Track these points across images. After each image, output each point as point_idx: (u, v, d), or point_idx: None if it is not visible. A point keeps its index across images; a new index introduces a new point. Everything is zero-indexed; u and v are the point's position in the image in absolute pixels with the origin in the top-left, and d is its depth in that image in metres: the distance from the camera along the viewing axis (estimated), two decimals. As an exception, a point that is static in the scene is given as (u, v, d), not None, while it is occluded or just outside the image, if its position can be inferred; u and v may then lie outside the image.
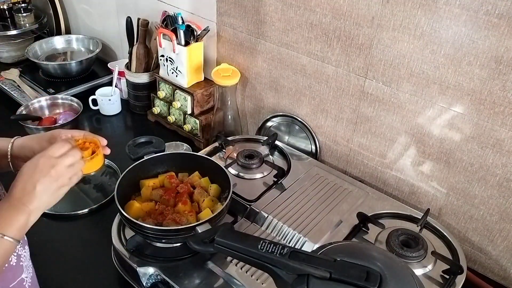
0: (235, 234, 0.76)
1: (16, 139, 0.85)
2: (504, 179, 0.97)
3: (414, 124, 1.07)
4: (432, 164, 1.08)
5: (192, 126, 1.46)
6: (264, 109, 1.39)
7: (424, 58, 0.98)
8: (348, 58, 1.11)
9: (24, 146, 0.84)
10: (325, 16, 1.10)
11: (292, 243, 0.98)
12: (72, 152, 0.75)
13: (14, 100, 1.61)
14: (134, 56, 1.54)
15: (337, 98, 1.19)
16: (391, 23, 1.00)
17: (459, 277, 0.90)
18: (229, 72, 1.33)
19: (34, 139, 0.85)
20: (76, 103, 1.54)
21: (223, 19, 1.35)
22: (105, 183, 1.31)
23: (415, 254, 0.92)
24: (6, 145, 0.84)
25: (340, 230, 1.00)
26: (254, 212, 1.04)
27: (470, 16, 0.88)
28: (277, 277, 0.70)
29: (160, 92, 1.49)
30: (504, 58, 0.87)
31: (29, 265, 0.84)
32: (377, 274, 0.64)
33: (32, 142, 0.84)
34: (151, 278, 0.93)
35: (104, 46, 1.85)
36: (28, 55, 1.74)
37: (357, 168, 1.24)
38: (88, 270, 1.05)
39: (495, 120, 0.93)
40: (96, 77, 1.76)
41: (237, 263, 0.92)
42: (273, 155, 1.27)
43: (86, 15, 1.92)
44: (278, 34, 1.22)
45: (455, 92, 0.97)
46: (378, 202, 1.09)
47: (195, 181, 1.04)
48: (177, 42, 1.35)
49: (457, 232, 1.10)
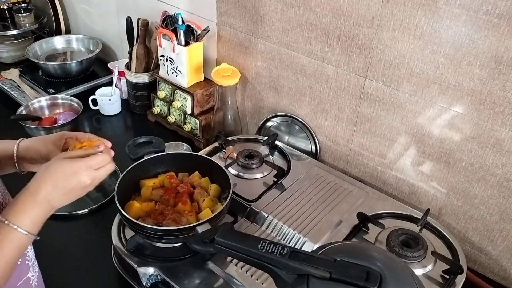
0: (235, 234, 0.76)
1: (22, 141, 0.85)
2: (504, 179, 0.97)
3: (414, 124, 1.07)
4: (432, 164, 1.08)
5: (192, 126, 1.46)
6: (264, 109, 1.39)
7: (424, 58, 0.98)
8: (348, 58, 1.11)
9: (29, 148, 0.84)
10: (325, 16, 1.10)
11: (292, 243, 0.98)
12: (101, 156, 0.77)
13: (14, 100, 1.61)
14: (134, 56, 1.54)
15: (337, 98, 1.19)
16: (391, 23, 1.00)
17: (459, 277, 0.90)
18: (229, 72, 1.33)
19: (40, 141, 0.86)
20: (76, 103, 1.54)
21: (223, 19, 1.35)
22: (105, 183, 1.31)
23: (415, 254, 0.92)
24: (11, 146, 0.84)
25: (340, 230, 1.00)
26: (254, 212, 1.04)
27: (470, 16, 0.88)
28: (277, 277, 0.70)
29: (160, 92, 1.49)
30: (504, 58, 0.87)
31: (34, 265, 0.85)
32: (377, 274, 0.64)
33: (38, 144, 0.85)
34: (151, 278, 0.93)
35: (104, 46, 1.85)
36: (28, 55, 1.74)
37: (357, 168, 1.24)
38: (88, 270, 1.05)
39: (495, 120, 0.93)
40: (96, 77, 1.76)
41: (237, 263, 0.92)
42: (273, 155, 1.27)
43: (86, 15, 1.92)
44: (278, 34, 1.22)
45: (455, 92, 0.97)
46: (378, 202, 1.09)
47: (195, 181, 1.04)
48: (177, 42, 1.35)
49: (457, 232, 1.10)
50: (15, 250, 0.69)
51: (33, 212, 0.70)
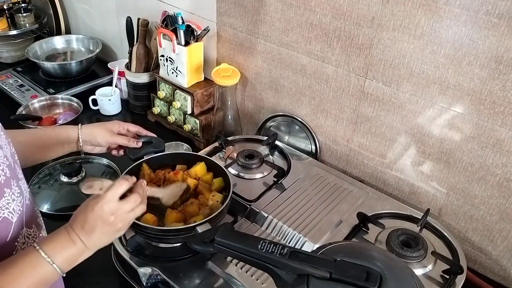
0: (235, 234, 0.76)
1: (83, 126, 0.99)
2: (504, 179, 0.97)
3: (414, 124, 1.07)
4: (432, 164, 1.08)
5: (192, 126, 1.46)
6: (264, 109, 1.39)
7: (424, 58, 0.98)
8: (348, 58, 1.11)
9: (88, 133, 0.98)
10: (325, 16, 1.10)
11: (292, 243, 0.98)
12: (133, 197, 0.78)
13: (14, 100, 1.61)
14: (134, 56, 1.54)
15: (337, 98, 1.18)
16: (391, 23, 1.00)
17: (459, 277, 0.90)
18: (229, 72, 1.33)
19: (97, 128, 1.00)
20: (76, 103, 1.54)
21: (223, 19, 1.35)
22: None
23: (415, 254, 0.92)
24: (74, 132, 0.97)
25: (340, 230, 1.00)
26: (254, 212, 1.04)
27: (470, 16, 0.88)
28: (277, 277, 0.70)
29: (160, 92, 1.49)
30: (504, 58, 0.87)
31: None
32: (377, 274, 0.64)
33: (96, 131, 0.99)
34: (151, 278, 0.93)
35: (104, 46, 1.85)
36: (28, 55, 1.74)
37: (357, 168, 1.24)
38: (88, 270, 1.05)
39: (495, 120, 0.93)
40: (96, 77, 1.76)
41: (237, 263, 0.92)
42: (273, 155, 1.27)
43: (86, 15, 1.92)
44: (278, 34, 1.22)
45: (455, 92, 0.97)
46: (378, 202, 1.09)
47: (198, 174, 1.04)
48: (177, 42, 1.35)
49: (457, 232, 1.10)
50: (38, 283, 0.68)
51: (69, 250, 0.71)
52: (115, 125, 1.01)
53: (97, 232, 0.73)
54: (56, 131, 0.99)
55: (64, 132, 0.98)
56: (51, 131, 1.00)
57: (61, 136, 0.97)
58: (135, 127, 1.04)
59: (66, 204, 1.20)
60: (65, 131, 0.98)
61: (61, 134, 0.98)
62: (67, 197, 1.23)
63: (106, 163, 1.34)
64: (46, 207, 1.18)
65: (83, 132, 0.98)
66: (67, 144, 0.97)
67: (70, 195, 1.23)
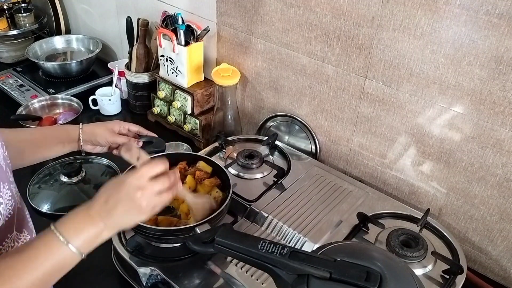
0: (235, 234, 0.76)
1: (84, 126, 0.98)
2: (504, 179, 0.97)
3: (414, 124, 1.07)
4: (432, 164, 1.08)
5: (192, 126, 1.46)
6: (264, 109, 1.39)
7: (424, 58, 0.98)
8: (348, 58, 1.11)
9: (89, 133, 0.97)
10: (325, 16, 1.10)
11: (292, 243, 0.98)
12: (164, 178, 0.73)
13: (14, 100, 1.61)
14: (134, 56, 1.54)
15: (337, 98, 1.18)
16: (391, 23, 1.00)
17: (459, 277, 0.90)
18: (229, 72, 1.33)
19: (98, 127, 0.99)
20: (76, 103, 1.54)
21: (223, 19, 1.35)
22: (105, 183, 1.30)
23: (415, 254, 0.92)
24: (75, 131, 0.97)
25: (340, 230, 1.00)
26: (254, 212, 1.04)
27: (470, 16, 0.88)
28: (277, 277, 0.70)
29: (160, 92, 1.49)
30: (504, 58, 0.87)
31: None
32: (377, 274, 0.64)
33: (97, 131, 0.98)
34: (151, 278, 0.93)
35: (104, 46, 1.85)
36: (28, 55, 1.74)
37: (357, 168, 1.24)
38: (88, 270, 1.05)
39: (495, 120, 0.93)
40: (96, 77, 1.76)
41: (237, 263, 0.92)
42: (273, 155, 1.27)
43: (86, 15, 1.92)
44: (278, 34, 1.22)
45: (455, 92, 0.97)
46: (378, 202, 1.09)
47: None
48: (177, 42, 1.35)
49: (457, 232, 1.10)
50: (55, 266, 0.65)
51: (86, 229, 0.67)
52: (116, 124, 1.01)
53: (119, 208, 0.69)
54: (57, 130, 1.00)
55: (65, 131, 0.98)
56: (52, 130, 1.01)
57: (62, 135, 0.97)
58: (136, 127, 1.04)
59: (66, 204, 1.20)
60: (66, 130, 0.98)
61: (62, 133, 0.98)
62: (67, 197, 1.23)
63: (106, 163, 1.33)
64: (46, 207, 1.18)
65: (84, 131, 0.97)
66: (67, 143, 0.97)
67: (70, 195, 1.23)
